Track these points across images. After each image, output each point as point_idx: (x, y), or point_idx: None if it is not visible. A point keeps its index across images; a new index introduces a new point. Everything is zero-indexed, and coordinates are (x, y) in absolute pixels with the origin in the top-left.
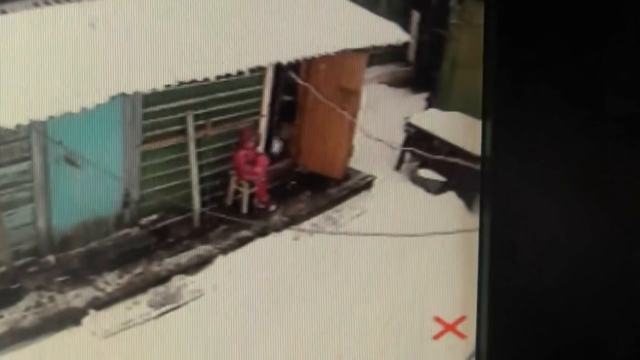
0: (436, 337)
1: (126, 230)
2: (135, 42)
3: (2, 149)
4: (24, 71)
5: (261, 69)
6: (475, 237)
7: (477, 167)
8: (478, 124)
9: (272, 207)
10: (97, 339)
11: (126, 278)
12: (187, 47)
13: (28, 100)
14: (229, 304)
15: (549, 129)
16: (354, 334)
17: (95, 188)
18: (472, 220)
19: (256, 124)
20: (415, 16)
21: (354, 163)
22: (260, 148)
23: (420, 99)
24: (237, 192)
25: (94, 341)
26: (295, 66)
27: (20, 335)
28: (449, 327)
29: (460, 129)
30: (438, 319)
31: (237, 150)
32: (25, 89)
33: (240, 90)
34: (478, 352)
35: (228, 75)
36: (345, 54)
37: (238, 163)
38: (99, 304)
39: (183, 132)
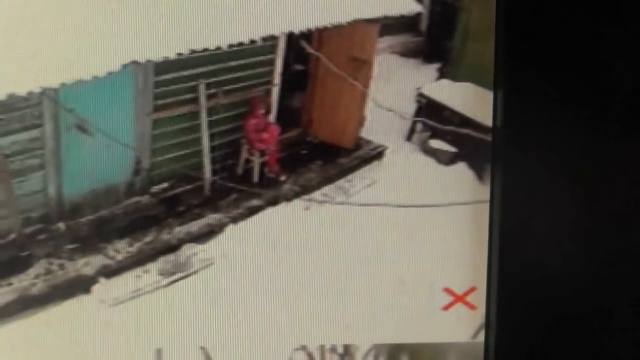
0: (446, 308)
1: (137, 199)
2: (147, 10)
3: (13, 116)
4: (36, 38)
5: (273, 38)
6: (486, 208)
7: (489, 138)
8: (490, 95)
9: (283, 177)
10: (107, 307)
11: (136, 246)
12: (200, 15)
13: (40, 68)
14: (239, 272)
15: (561, 100)
16: (363, 305)
17: (106, 156)
18: (483, 192)
19: (268, 93)
20: None
21: (365, 133)
22: (272, 117)
23: (432, 69)
24: (248, 162)
25: (103, 309)
26: (307, 36)
27: (29, 303)
28: (459, 299)
29: (471, 100)
30: (448, 290)
31: (248, 119)
32: (37, 56)
33: (253, 59)
34: (488, 323)
35: (240, 44)
36: (357, 24)
37: (248, 131)
38: (109, 272)
39: (195, 100)
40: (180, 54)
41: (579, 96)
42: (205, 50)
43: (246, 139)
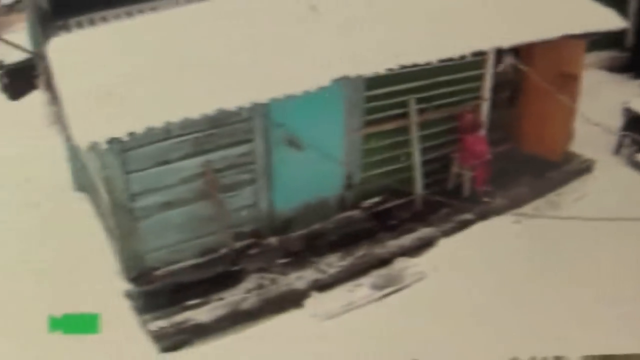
0: None
1: (348, 213)
2: (357, 25)
3: (224, 131)
4: (246, 53)
5: (482, 53)
6: None
7: None
8: None
9: (492, 191)
10: (318, 321)
11: (348, 260)
12: (409, 31)
13: (249, 83)
14: (450, 285)
15: None
16: (571, 316)
17: (316, 171)
18: None
19: (477, 108)
20: (633, 3)
21: (573, 147)
22: (482, 132)
23: (639, 84)
24: (458, 176)
25: (315, 323)
26: (515, 51)
27: (241, 317)
28: None
29: None
30: None
31: (462, 134)
32: (247, 71)
33: (462, 74)
34: None
35: (450, 60)
36: (564, 39)
37: (463, 147)
38: (321, 286)
39: (404, 115)
40: (390, 70)
41: None
42: (415, 65)
43: (459, 154)
